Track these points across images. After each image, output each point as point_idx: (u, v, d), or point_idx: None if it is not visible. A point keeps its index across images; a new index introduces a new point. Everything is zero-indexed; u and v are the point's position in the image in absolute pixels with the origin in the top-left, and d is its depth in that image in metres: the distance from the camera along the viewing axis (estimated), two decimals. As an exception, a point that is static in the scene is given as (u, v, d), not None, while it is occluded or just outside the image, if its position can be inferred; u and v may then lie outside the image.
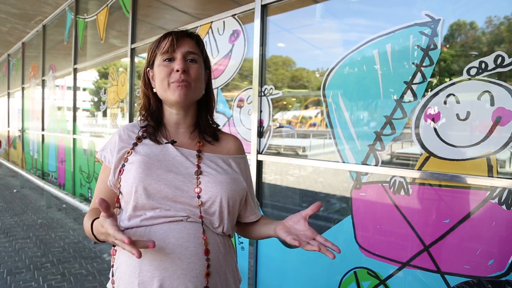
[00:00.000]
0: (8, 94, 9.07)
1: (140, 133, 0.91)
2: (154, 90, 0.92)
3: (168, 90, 0.87)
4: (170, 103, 0.90)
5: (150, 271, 0.77)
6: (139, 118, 0.97)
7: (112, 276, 0.85)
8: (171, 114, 0.93)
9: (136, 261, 0.78)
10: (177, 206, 0.82)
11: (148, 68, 0.93)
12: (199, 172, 0.86)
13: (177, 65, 0.86)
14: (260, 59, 2.10)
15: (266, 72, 2.12)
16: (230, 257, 0.89)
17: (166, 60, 0.87)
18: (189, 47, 0.89)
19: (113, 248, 0.86)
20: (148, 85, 0.93)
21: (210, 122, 0.98)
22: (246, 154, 1.03)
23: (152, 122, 0.92)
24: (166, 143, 0.89)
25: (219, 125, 1.02)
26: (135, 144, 0.88)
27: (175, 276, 0.77)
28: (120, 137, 0.90)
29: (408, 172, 1.47)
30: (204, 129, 0.96)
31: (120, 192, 0.86)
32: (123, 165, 0.85)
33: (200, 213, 0.83)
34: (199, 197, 0.83)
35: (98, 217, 0.76)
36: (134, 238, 0.79)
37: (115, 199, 0.88)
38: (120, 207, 0.86)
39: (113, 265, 0.85)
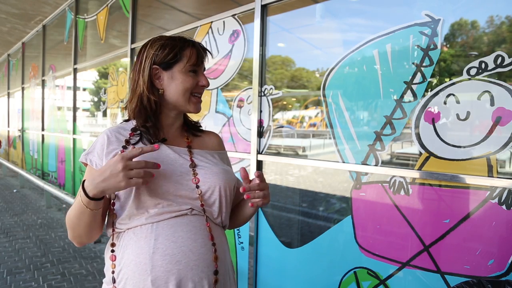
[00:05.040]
0: (8, 94, 9.07)
1: (129, 136, 0.89)
2: (161, 91, 0.89)
3: (188, 102, 0.91)
4: (179, 110, 0.93)
5: (163, 266, 0.78)
6: (126, 120, 0.96)
7: (113, 282, 0.82)
8: (168, 117, 0.94)
9: (147, 258, 0.78)
10: (178, 200, 0.84)
11: (156, 66, 0.88)
12: (194, 165, 0.90)
13: (204, 80, 0.92)
14: (260, 59, 2.10)
15: (266, 72, 2.12)
16: (228, 247, 0.94)
17: (192, 71, 0.90)
18: (205, 62, 0.96)
19: (111, 253, 0.84)
20: (151, 85, 0.89)
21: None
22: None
23: (151, 128, 0.90)
24: (156, 142, 0.90)
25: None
26: (124, 147, 0.86)
27: (188, 268, 0.80)
28: (108, 139, 0.87)
29: (408, 172, 1.47)
30: (190, 124, 1.02)
31: (115, 195, 0.84)
32: None
33: (201, 202, 0.87)
34: (198, 187, 0.87)
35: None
36: (141, 235, 0.81)
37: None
38: (114, 210, 0.85)
39: (113, 271, 0.82)
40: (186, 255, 0.80)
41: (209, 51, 0.98)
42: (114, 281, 0.82)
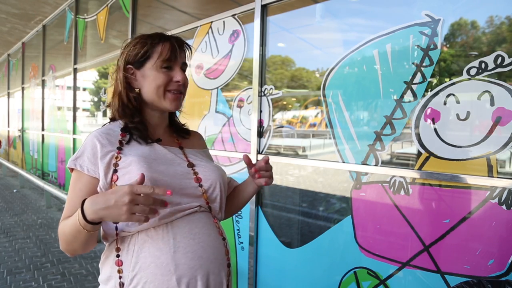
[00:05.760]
0: (8, 94, 9.06)
1: (121, 137, 0.87)
2: (136, 90, 0.89)
3: (163, 98, 0.89)
4: (158, 109, 0.92)
5: (186, 263, 0.79)
6: (111, 119, 0.94)
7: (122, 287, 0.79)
8: (153, 116, 0.94)
9: (169, 258, 0.78)
10: (185, 199, 0.85)
11: (130, 66, 0.90)
12: (192, 165, 0.91)
13: (179, 76, 0.89)
14: (260, 59, 2.10)
15: (266, 72, 2.12)
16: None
17: (165, 68, 0.88)
18: (184, 57, 0.93)
19: (117, 258, 0.81)
20: (128, 84, 0.90)
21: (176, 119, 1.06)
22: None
23: (140, 124, 0.90)
24: (151, 142, 0.90)
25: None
26: (119, 148, 0.84)
27: (208, 261, 0.82)
28: (100, 142, 0.83)
29: (408, 172, 1.47)
30: (178, 127, 1.03)
31: None
32: (115, 170, 0.82)
33: (207, 199, 0.89)
34: (201, 186, 0.89)
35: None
36: (156, 236, 0.80)
37: None
38: None
39: (121, 276, 0.79)
40: (205, 250, 0.82)
41: (188, 45, 0.95)
42: (122, 286, 0.79)
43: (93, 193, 0.81)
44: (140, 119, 0.90)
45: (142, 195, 0.68)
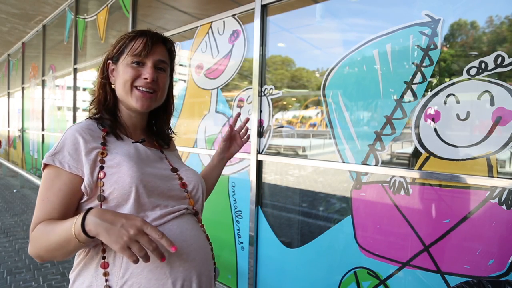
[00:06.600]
0: (8, 94, 9.06)
1: (104, 133, 0.84)
2: (113, 86, 0.89)
3: (130, 95, 0.85)
4: (128, 107, 0.90)
5: (181, 265, 0.78)
6: (89, 116, 0.92)
7: None
8: (129, 115, 0.92)
9: (164, 263, 0.75)
10: (170, 201, 0.84)
11: (110, 61, 0.90)
12: (175, 170, 0.92)
13: (147, 73, 0.84)
14: (260, 59, 2.10)
15: (266, 72, 2.12)
16: None
17: (135, 63, 0.85)
18: (161, 55, 0.88)
19: (103, 260, 0.75)
20: (106, 78, 0.90)
21: (166, 128, 1.02)
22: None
23: (109, 116, 0.89)
24: (134, 142, 0.88)
25: (174, 133, 1.07)
26: (103, 144, 0.81)
27: (201, 263, 0.82)
28: (82, 138, 0.79)
29: (408, 172, 1.47)
30: (159, 134, 0.99)
31: (103, 197, 0.76)
32: (102, 167, 0.77)
33: (193, 203, 0.90)
34: (186, 191, 0.89)
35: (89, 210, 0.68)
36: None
37: (75, 209, 0.78)
38: None
39: (107, 280, 0.74)
40: (197, 252, 0.82)
41: (170, 43, 0.92)
42: None
43: (75, 192, 0.77)
44: (112, 116, 0.89)
45: (147, 236, 0.65)
